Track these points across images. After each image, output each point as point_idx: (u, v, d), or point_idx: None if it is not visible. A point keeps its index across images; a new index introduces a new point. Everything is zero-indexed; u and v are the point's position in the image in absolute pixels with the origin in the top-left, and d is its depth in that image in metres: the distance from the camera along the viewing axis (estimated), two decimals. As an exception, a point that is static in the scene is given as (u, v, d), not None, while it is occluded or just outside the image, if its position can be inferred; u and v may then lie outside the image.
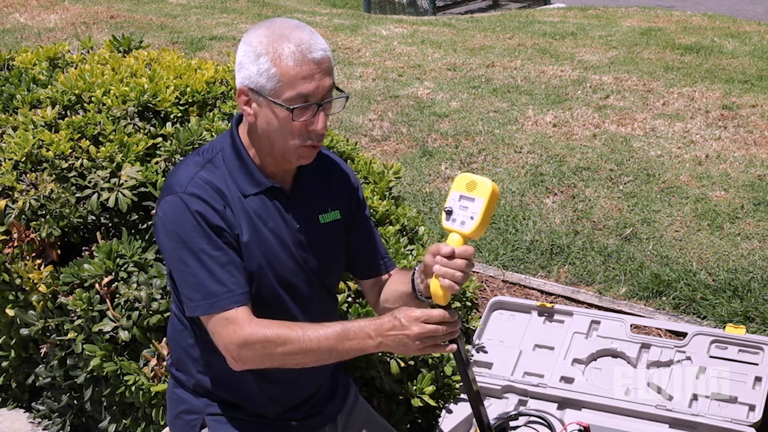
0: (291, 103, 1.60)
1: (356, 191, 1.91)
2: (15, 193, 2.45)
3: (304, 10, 9.64)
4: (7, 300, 2.52)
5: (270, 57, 1.60)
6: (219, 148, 1.73)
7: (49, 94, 2.72)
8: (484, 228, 1.62)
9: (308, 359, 1.62)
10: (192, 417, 1.85)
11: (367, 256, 1.92)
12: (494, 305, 2.95)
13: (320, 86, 1.61)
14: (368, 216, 1.95)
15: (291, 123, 1.62)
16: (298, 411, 1.88)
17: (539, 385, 2.63)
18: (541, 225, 3.88)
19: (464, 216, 1.61)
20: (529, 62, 6.53)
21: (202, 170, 1.69)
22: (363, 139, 4.96)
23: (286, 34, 1.61)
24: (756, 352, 2.60)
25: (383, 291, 1.90)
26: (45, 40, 7.18)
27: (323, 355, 1.61)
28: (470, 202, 1.61)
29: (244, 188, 1.70)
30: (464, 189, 1.62)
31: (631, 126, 5.01)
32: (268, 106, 1.63)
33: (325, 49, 1.63)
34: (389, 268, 1.94)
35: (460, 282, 1.58)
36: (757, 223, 3.77)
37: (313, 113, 1.63)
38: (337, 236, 1.85)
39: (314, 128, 1.64)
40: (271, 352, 1.60)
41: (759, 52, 6.64)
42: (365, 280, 1.94)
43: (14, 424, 2.81)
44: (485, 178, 1.61)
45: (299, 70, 1.59)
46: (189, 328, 1.80)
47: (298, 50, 1.59)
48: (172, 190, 1.66)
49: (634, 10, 9.09)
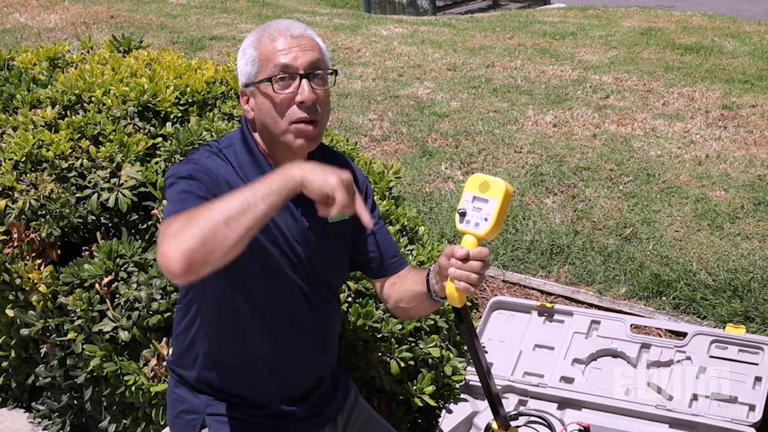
0: (271, 75, 1.64)
1: (365, 192, 1.91)
2: (15, 193, 2.45)
3: (304, 10, 9.64)
4: (7, 300, 2.52)
5: (254, 46, 1.68)
6: (229, 143, 1.76)
7: (49, 94, 2.72)
8: (498, 229, 1.60)
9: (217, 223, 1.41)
10: (192, 417, 1.86)
11: (379, 257, 1.92)
12: (494, 305, 2.95)
13: (299, 58, 1.64)
14: (378, 215, 1.95)
15: (276, 97, 1.64)
16: (298, 410, 1.88)
17: (539, 385, 2.63)
18: (541, 225, 3.88)
19: (478, 217, 1.60)
20: (529, 62, 6.53)
21: (213, 157, 1.72)
22: (363, 139, 4.96)
23: (271, 24, 1.69)
24: (756, 352, 2.60)
25: (398, 290, 1.89)
26: (45, 40, 7.18)
27: (241, 201, 1.43)
28: (484, 203, 1.60)
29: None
30: (477, 190, 1.61)
31: (631, 126, 5.01)
32: (257, 90, 1.66)
33: (305, 29, 1.68)
34: (401, 267, 1.94)
35: (475, 284, 1.57)
36: (757, 223, 3.77)
37: (297, 86, 1.64)
38: (343, 237, 1.86)
39: (300, 99, 1.64)
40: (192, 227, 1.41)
41: (759, 52, 6.64)
42: (378, 279, 1.94)
43: (14, 424, 2.81)
44: (498, 178, 1.60)
45: (275, 45, 1.65)
46: (192, 325, 1.82)
47: (276, 31, 1.66)
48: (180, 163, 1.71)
49: (634, 10, 9.09)
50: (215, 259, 1.41)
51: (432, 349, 2.54)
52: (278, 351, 1.81)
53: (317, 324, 1.86)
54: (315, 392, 1.92)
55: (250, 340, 1.79)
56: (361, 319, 2.38)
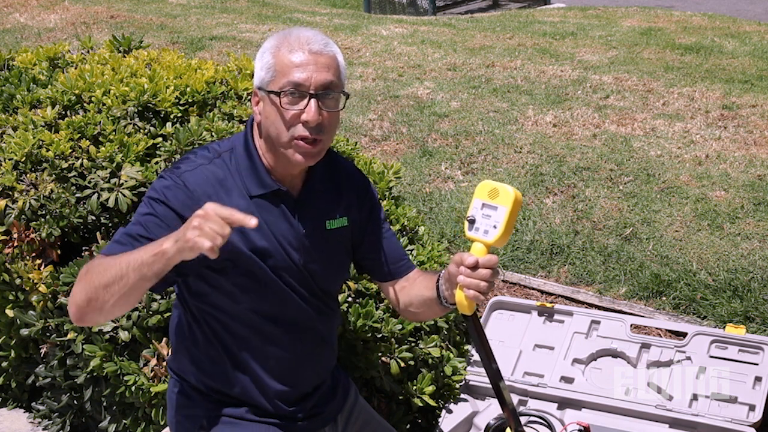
0: (282, 89, 1.62)
1: (368, 197, 1.90)
2: (15, 193, 2.45)
3: (304, 10, 9.64)
4: (7, 300, 2.52)
5: (272, 52, 1.65)
6: (230, 146, 1.75)
7: (49, 94, 2.72)
8: (507, 236, 1.59)
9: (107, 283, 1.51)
10: (192, 417, 1.86)
11: (386, 261, 1.92)
12: (494, 305, 2.95)
13: (314, 77, 1.62)
14: (384, 219, 1.94)
15: (283, 111, 1.63)
16: (298, 410, 1.88)
17: (539, 385, 2.63)
18: (541, 225, 3.88)
19: (487, 225, 1.59)
20: (529, 62, 6.53)
21: (210, 164, 1.70)
22: (363, 139, 4.96)
23: (293, 32, 1.67)
24: (756, 352, 2.60)
25: (407, 294, 1.89)
26: (45, 40, 7.18)
27: (117, 270, 1.49)
28: (493, 211, 1.58)
29: (251, 188, 1.70)
30: (486, 197, 1.60)
31: (631, 126, 5.01)
32: (267, 97, 1.65)
33: (327, 44, 1.66)
34: (408, 270, 1.93)
35: (485, 292, 1.56)
36: (757, 223, 3.77)
37: (305, 104, 1.63)
38: (343, 242, 1.86)
39: (305, 118, 1.63)
40: (84, 283, 1.55)
41: (759, 52, 6.64)
42: (386, 283, 1.94)
43: (14, 424, 2.81)
44: (507, 185, 1.59)
45: (293, 58, 1.63)
46: (190, 325, 1.81)
47: (296, 42, 1.64)
48: (168, 171, 1.71)
49: (634, 10, 9.09)
50: (104, 314, 1.56)
51: (432, 349, 2.54)
52: (277, 354, 1.81)
53: (316, 326, 1.86)
54: (315, 393, 1.92)
55: (249, 344, 1.79)
56: (361, 319, 2.38)
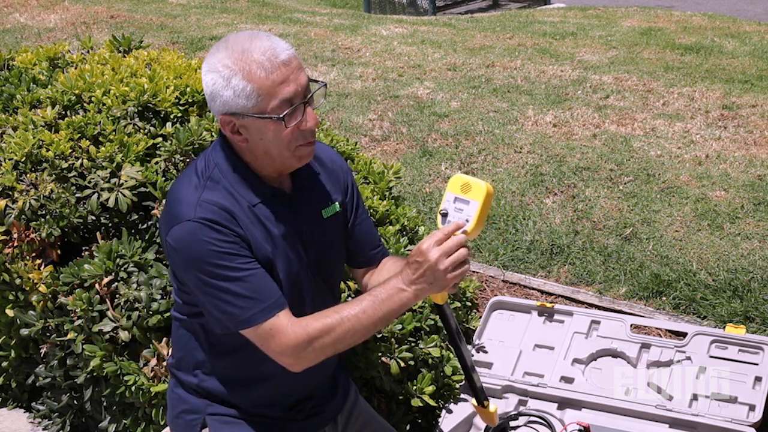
0: (279, 111, 1.59)
1: (347, 176, 1.92)
2: (15, 193, 2.45)
3: (304, 10, 9.64)
4: (7, 300, 2.52)
5: (241, 75, 1.57)
6: (214, 163, 1.70)
7: (49, 94, 2.72)
8: (479, 229, 1.62)
9: (357, 337, 1.64)
10: (192, 417, 1.86)
11: (364, 247, 1.93)
12: (494, 305, 2.95)
13: (298, 85, 1.61)
14: (362, 204, 1.95)
15: (284, 130, 1.61)
16: (298, 411, 1.88)
17: (539, 385, 2.63)
18: (541, 225, 3.88)
19: (459, 218, 1.61)
20: (529, 62, 6.53)
21: (205, 191, 1.66)
22: (363, 139, 4.96)
23: (247, 48, 1.58)
24: (756, 352, 2.60)
25: (376, 280, 1.90)
26: (45, 40, 7.18)
27: (368, 327, 1.63)
28: (465, 205, 1.61)
29: (249, 198, 1.69)
30: (459, 191, 1.62)
31: (631, 126, 5.01)
32: (256, 123, 1.61)
33: (287, 48, 1.62)
34: (383, 257, 1.96)
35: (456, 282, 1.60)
36: (757, 223, 3.77)
37: (301, 113, 1.63)
38: (338, 228, 1.87)
39: (306, 126, 1.64)
40: (321, 345, 1.62)
41: (759, 52, 6.64)
42: (360, 269, 1.96)
43: (14, 424, 2.81)
44: (479, 179, 1.62)
45: (274, 78, 1.57)
46: (193, 332, 1.81)
47: (264, 58, 1.57)
48: (180, 218, 1.63)
49: (634, 10, 9.09)
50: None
51: (432, 349, 2.54)
52: None
53: None
54: (315, 393, 1.92)
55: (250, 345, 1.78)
56: (361, 319, 2.38)
